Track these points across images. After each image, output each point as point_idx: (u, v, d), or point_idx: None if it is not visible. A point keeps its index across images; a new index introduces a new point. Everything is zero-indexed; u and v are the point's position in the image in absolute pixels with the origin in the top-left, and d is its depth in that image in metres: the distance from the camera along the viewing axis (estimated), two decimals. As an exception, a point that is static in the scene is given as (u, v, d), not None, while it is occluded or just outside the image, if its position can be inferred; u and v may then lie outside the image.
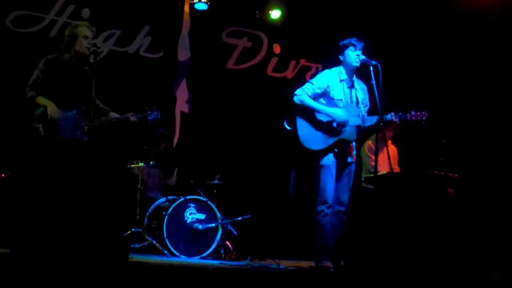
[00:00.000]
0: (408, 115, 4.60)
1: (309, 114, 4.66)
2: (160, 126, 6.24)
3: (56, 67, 4.55)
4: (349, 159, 4.71)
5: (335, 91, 4.71)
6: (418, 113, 4.60)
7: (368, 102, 4.79)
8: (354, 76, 4.79)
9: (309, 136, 4.64)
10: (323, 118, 4.64)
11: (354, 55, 4.67)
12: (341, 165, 4.66)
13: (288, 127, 4.78)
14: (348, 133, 4.62)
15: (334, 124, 4.61)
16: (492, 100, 6.85)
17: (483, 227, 4.44)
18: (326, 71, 4.80)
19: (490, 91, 6.88)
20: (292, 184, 5.82)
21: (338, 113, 4.60)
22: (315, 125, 4.64)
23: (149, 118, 4.96)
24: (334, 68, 4.79)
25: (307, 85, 4.71)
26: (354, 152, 4.77)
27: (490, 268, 4.27)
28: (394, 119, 4.59)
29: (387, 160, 5.39)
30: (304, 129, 4.66)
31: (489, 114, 6.86)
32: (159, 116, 5.04)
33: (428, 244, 3.98)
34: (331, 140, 4.61)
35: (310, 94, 4.66)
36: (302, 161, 4.96)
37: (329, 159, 4.61)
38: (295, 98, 4.67)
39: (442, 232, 4.08)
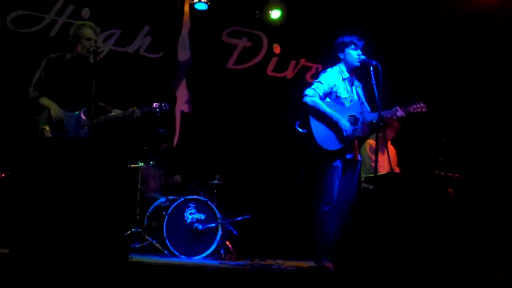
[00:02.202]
0: (411, 107, 4.61)
1: (322, 114, 4.63)
2: (161, 127, 6.25)
3: (58, 66, 4.56)
4: (357, 157, 4.71)
5: (341, 90, 4.70)
6: (418, 105, 4.62)
7: (365, 99, 4.81)
8: (353, 74, 4.79)
9: (324, 136, 4.59)
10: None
11: (355, 55, 4.66)
12: (347, 164, 4.65)
13: (300, 130, 4.73)
14: (361, 130, 4.63)
15: (350, 123, 4.61)
16: (492, 100, 6.85)
17: (483, 227, 4.44)
18: (330, 70, 4.78)
19: (490, 91, 6.88)
20: (300, 184, 5.83)
21: (347, 126, 4.57)
22: (329, 124, 4.60)
23: (157, 110, 4.98)
24: (335, 67, 4.79)
25: (317, 85, 4.66)
26: (358, 151, 4.76)
27: (490, 268, 4.27)
28: (401, 113, 4.58)
29: (387, 160, 5.39)
30: (319, 129, 4.61)
31: (489, 114, 6.85)
32: (168, 107, 5.09)
33: (428, 244, 3.98)
34: (346, 139, 4.60)
35: (322, 94, 4.63)
36: (311, 161, 4.92)
37: (339, 160, 4.61)
38: (308, 99, 4.61)
39: (442, 232, 4.08)
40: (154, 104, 5.02)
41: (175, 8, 6.99)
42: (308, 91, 4.64)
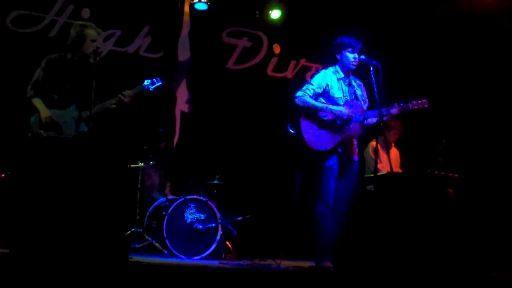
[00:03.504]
0: (410, 104, 4.48)
1: (312, 114, 4.63)
2: (161, 126, 6.25)
3: (58, 66, 4.55)
4: (353, 158, 4.69)
5: (334, 90, 4.70)
6: (419, 101, 4.47)
7: (366, 99, 4.79)
8: (351, 74, 4.79)
9: (314, 137, 4.60)
10: (326, 117, 4.61)
11: (351, 57, 4.65)
12: (344, 165, 4.64)
13: (292, 131, 4.75)
14: (353, 129, 4.61)
15: (338, 122, 4.60)
16: (492, 100, 6.85)
17: (483, 227, 4.44)
18: (323, 70, 4.79)
19: (490, 90, 6.88)
20: (297, 185, 5.81)
21: (342, 110, 4.58)
22: (319, 125, 4.61)
23: (149, 88, 4.78)
24: (330, 68, 4.78)
25: (307, 86, 4.69)
26: (357, 150, 4.75)
27: (490, 268, 4.27)
28: (396, 110, 4.53)
29: (389, 162, 5.38)
30: (309, 130, 4.62)
31: (489, 114, 6.86)
32: (160, 82, 4.82)
33: (428, 244, 3.98)
34: (337, 139, 4.58)
35: (311, 94, 4.64)
36: (305, 162, 4.92)
37: (333, 160, 4.59)
38: (297, 100, 4.63)
39: (442, 232, 4.08)
40: (145, 82, 4.79)
41: (175, 8, 6.99)
42: (298, 93, 4.66)
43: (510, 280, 4.48)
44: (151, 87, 4.83)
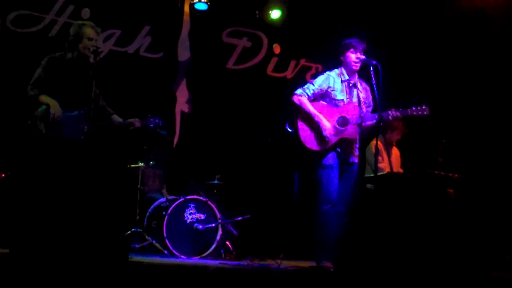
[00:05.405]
0: (409, 110, 4.52)
1: (306, 113, 4.66)
2: (162, 129, 6.25)
3: (59, 66, 4.56)
4: (351, 159, 4.69)
5: (337, 92, 4.71)
6: (419, 108, 4.49)
7: (371, 103, 4.79)
8: (356, 76, 4.79)
9: (310, 136, 4.63)
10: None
11: (354, 57, 4.68)
12: (343, 166, 4.65)
13: (289, 129, 4.77)
14: (350, 131, 4.61)
15: (336, 124, 4.61)
16: (492, 100, 6.85)
17: (483, 227, 4.44)
18: (327, 72, 4.81)
19: (490, 90, 6.88)
20: (296, 185, 5.82)
21: (327, 130, 4.58)
22: (315, 125, 4.63)
23: (150, 125, 4.98)
24: (335, 70, 4.81)
25: (308, 85, 4.73)
26: (357, 153, 4.74)
27: (490, 268, 4.27)
28: (395, 114, 4.54)
29: (389, 162, 5.39)
30: (305, 129, 4.65)
31: (489, 114, 6.86)
32: (161, 123, 5.08)
33: (428, 244, 3.98)
34: (332, 140, 4.60)
35: (310, 94, 4.67)
36: (305, 161, 4.93)
37: (332, 159, 4.61)
38: (295, 98, 4.68)
39: (442, 232, 4.08)
40: (150, 119, 5.03)
41: (175, 8, 6.99)
42: (297, 91, 4.71)
43: (510, 280, 4.48)
44: (151, 126, 5.02)
